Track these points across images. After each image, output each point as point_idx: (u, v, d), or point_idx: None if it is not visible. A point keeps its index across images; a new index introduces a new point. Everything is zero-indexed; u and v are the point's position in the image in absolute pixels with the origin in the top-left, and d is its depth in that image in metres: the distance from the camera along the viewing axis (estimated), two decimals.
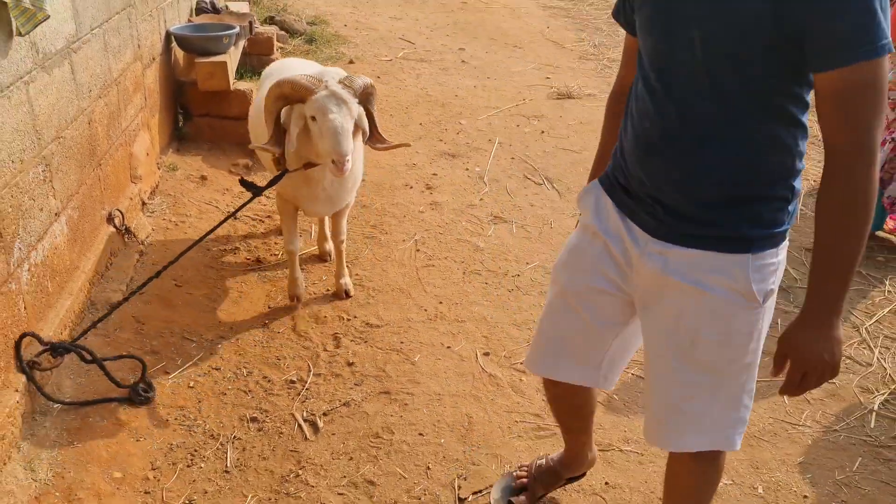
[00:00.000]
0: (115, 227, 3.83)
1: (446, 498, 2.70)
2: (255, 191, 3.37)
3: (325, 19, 9.21)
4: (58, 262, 3.14)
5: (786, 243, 1.84)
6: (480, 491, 2.74)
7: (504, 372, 3.40)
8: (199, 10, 6.08)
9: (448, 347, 3.52)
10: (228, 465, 2.78)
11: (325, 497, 2.67)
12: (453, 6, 10.66)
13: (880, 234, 4.68)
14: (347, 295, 3.82)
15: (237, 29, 5.37)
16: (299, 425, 2.99)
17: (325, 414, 3.06)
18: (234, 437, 2.91)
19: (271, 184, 3.38)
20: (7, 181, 2.65)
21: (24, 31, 2.70)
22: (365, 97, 3.19)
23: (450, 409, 3.13)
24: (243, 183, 3.41)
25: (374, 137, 3.31)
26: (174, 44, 5.26)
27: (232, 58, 5.36)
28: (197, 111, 5.34)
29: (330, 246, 4.13)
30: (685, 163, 1.74)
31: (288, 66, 3.79)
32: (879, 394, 3.38)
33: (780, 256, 1.82)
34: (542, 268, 4.25)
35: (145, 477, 2.68)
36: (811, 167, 5.81)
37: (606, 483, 2.83)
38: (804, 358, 1.71)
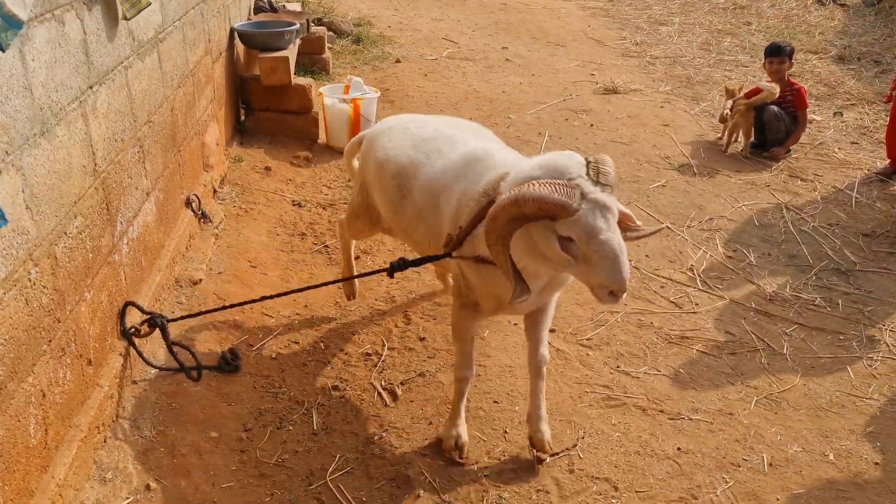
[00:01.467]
0: (192, 210, 4.01)
1: (525, 459, 2.80)
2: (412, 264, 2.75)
3: (370, 21, 9.40)
4: (149, 239, 3.32)
5: None
6: (558, 453, 2.84)
7: (571, 347, 3.50)
8: (258, 9, 6.29)
9: (515, 325, 3.63)
10: (315, 427, 2.92)
11: (410, 457, 2.79)
12: (493, 7, 10.81)
13: None
14: (543, 450, 2.81)
15: (297, 26, 5.55)
16: (379, 393, 3.12)
17: (402, 383, 3.19)
18: (319, 403, 3.05)
19: (432, 259, 2.73)
20: (112, 158, 2.83)
21: (129, 15, 2.88)
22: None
23: (521, 379, 3.23)
24: (397, 267, 2.78)
25: (627, 225, 2.42)
26: (237, 40, 5.45)
27: (292, 54, 5.55)
28: (258, 105, 5.52)
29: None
30: None
31: (399, 128, 3.07)
32: None
33: None
34: None
35: (239, 437, 2.83)
36: (864, 157, 5.84)
37: (679, 448, 2.91)
38: None
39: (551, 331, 3.60)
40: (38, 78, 2.20)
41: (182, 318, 3.15)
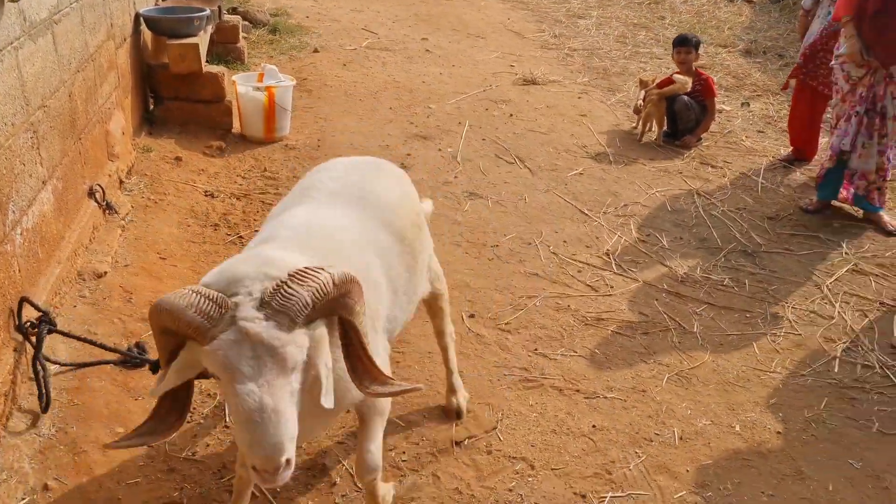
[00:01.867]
0: (96, 201, 3.83)
1: (443, 442, 2.79)
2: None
3: (287, 11, 9.22)
4: (46, 230, 3.15)
5: None
6: (475, 435, 2.85)
7: (490, 332, 3.51)
8: None
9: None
10: (228, 420, 2.83)
11: (326, 445, 2.74)
12: None
13: (835, 202, 4.93)
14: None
15: (208, 11, 5.38)
16: None
17: None
18: None
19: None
20: (1, 143, 2.67)
21: None
22: (336, 301, 1.65)
23: (440, 365, 3.20)
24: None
25: (362, 371, 1.75)
26: (143, 26, 5.24)
27: (202, 41, 5.37)
28: (168, 94, 5.33)
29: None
30: None
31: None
32: (841, 342, 3.59)
33: None
34: (519, 238, 4.39)
35: None
36: (769, 144, 6.08)
37: (594, 426, 2.96)
38: None
39: (471, 316, 3.62)
40: None
41: (68, 334, 2.92)
